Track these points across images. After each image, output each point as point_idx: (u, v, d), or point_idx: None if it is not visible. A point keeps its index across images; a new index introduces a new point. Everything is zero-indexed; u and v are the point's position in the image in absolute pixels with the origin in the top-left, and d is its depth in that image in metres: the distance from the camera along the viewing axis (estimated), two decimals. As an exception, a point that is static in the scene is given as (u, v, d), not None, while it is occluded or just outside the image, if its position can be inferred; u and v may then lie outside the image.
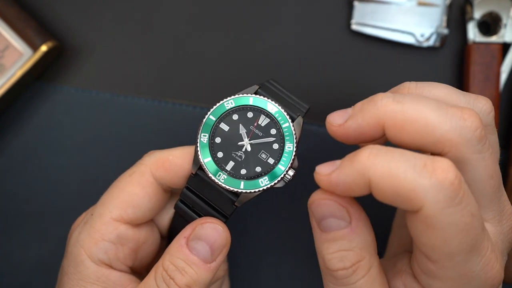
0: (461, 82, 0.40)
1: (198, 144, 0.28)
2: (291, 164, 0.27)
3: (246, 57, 0.40)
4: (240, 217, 0.39)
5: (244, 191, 0.27)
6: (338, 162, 0.24)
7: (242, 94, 0.28)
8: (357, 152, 0.23)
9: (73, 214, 0.34)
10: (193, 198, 0.29)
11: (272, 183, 0.27)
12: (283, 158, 0.27)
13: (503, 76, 0.39)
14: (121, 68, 0.41)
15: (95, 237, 0.28)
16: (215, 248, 0.27)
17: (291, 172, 0.27)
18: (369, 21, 0.39)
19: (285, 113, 0.28)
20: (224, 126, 0.28)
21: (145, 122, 0.40)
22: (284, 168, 0.27)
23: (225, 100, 0.28)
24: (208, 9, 0.41)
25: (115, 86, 0.41)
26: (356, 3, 0.39)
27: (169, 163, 0.29)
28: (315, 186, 0.34)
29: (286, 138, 0.27)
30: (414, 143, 0.24)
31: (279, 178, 0.27)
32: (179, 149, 0.30)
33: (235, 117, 0.28)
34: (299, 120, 0.28)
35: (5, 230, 0.40)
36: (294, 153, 0.27)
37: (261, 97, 0.28)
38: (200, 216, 0.29)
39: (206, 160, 0.28)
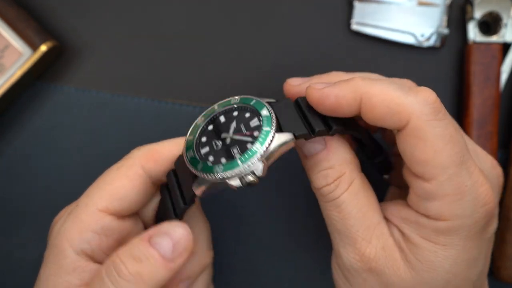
0: (461, 82, 0.40)
1: (193, 124, 0.29)
2: (253, 165, 0.26)
3: (245, 57, 0.40)
4: (238, 220, 0.39)
5: (199, 173, 0.26)
6: (329, 82, 0.27)
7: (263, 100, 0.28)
8: (350, 78, 0.27)
9: (73, 214, 0.34)
10: (171, 178, 0.29)
11: (224, 175, 0.26)
12: (245, 156, 0.26)
13: (504, 76, 0.39)
14: (121, 68, 0.41)
15: (79, 227, 0.28)
16: (177, 247, 0.26)
17: (250, 177, 0.26)
18: (369, 21, 0.39)
19: (274, 121, 0.27)
20: (222, 118, 0.29)
21: (145, 122, 0.40)
22: (241, 166, 0.26)
23: (232, 98, 0.29)
24: (209, 9, 0.41)
25: (115, 86, 0.41)
26: (356, 3, 0.39)
27: (158, 154, 0.30)
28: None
29: (259, 140, 0.26)
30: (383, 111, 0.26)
31: (233, 173, 0.26)
32: (169, 140, 0.31)
33: (235, 113, 0.28)
34: (287, 136, 0.26)
35: (5, 230, 0.40)
36: (259, 156, 0.26)
37: (267, 104, 0.28)
38: (174, 199, 0.29)
39: (189, 138, 0.28)
